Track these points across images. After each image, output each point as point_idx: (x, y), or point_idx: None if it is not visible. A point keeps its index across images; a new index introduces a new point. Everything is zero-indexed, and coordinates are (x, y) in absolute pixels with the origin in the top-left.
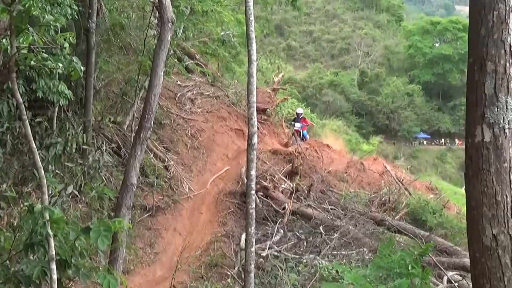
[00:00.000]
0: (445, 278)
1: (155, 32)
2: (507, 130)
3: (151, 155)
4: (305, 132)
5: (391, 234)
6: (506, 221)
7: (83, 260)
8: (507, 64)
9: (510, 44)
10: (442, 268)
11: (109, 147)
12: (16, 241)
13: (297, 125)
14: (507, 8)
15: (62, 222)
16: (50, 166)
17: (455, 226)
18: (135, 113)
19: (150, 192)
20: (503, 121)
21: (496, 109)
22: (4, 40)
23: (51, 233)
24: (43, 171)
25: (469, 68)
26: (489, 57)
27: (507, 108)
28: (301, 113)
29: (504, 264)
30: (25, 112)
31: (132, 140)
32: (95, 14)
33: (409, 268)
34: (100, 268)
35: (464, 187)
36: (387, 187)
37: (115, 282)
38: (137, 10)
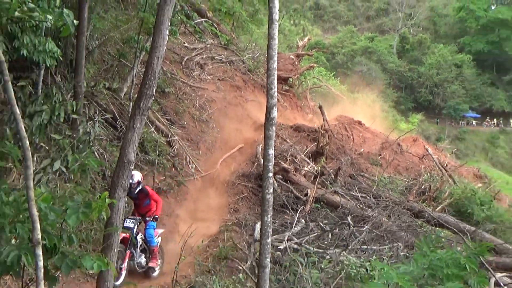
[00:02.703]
0: (492, 280)
1: None
2: None
3: (152, 129)
4: (149, 232)
5: (431, 228)
6: None
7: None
8: None
9: None
10: (490, 269)
11: (103, 118)
12: None
13: (129, 221)
14: None
15: (49, 201)
16: (33, 137)
17: (506, 220)
18: (134, 79)
19: (151, 171)
20: None
21: None
22: None
23: (36, 214)
24: (27, 142)
25: None
26: None
27: None
28: (139, 180)
29: None
30: (7, 71)
31: (130, 110)
32: None
33: (467, 268)
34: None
35: None
36: (428, 173)
37: (105, 265)
38: None
